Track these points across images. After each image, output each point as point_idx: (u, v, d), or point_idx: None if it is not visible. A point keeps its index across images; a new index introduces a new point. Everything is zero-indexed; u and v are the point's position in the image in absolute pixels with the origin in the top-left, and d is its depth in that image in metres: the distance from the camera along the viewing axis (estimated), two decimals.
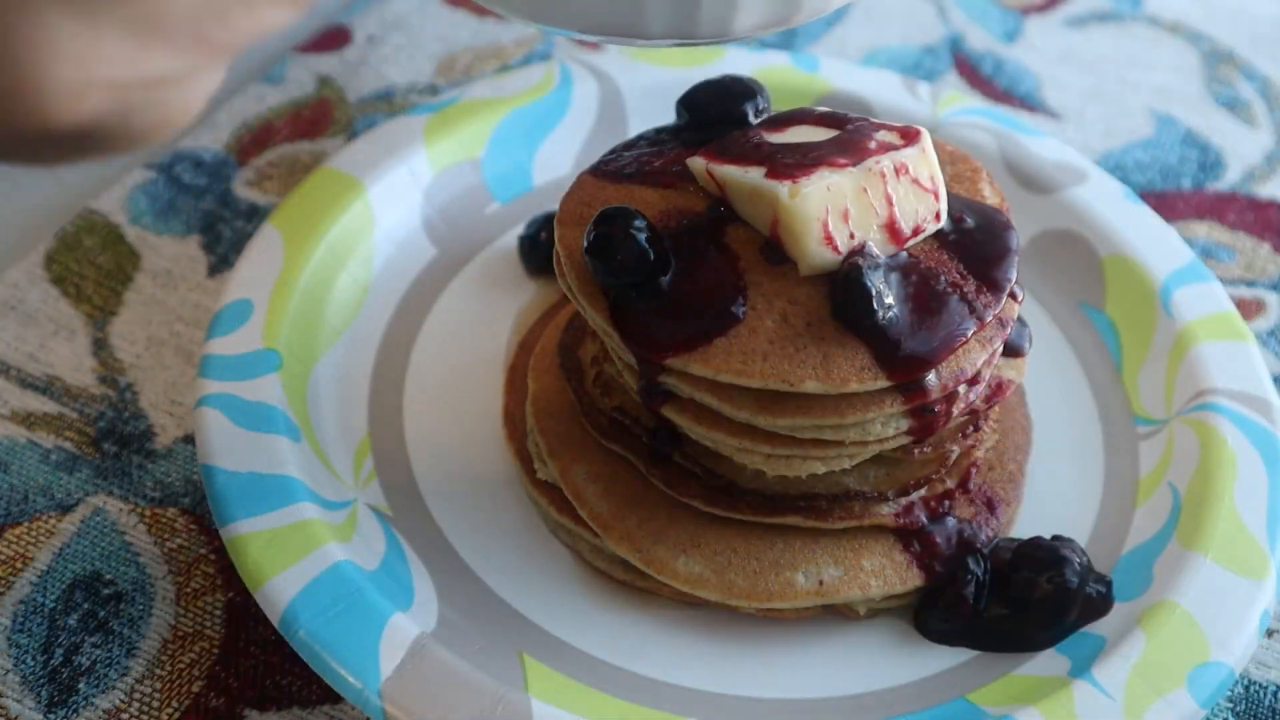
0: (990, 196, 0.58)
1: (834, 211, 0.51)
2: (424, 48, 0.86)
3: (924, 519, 0.58)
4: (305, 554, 0.55)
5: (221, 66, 0.36)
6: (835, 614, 0.58)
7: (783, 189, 0.51)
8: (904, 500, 0.58)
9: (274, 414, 0.60)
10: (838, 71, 0.77)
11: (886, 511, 0.57)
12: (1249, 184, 0.81)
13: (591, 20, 0.51)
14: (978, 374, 0.55)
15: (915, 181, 0.53)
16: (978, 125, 0.75)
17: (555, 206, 0.59)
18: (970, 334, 0.53)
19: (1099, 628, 0.56)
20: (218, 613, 0.59)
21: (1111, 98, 0.86)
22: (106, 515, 0.62)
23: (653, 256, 0.52)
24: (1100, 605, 0.57)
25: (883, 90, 0.76)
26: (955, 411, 0.54)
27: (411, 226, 0.71)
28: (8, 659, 0.57)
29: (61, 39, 0.32)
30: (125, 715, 0.56)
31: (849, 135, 0.54)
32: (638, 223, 0.52)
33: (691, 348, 0.52)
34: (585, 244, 0.53)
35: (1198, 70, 0.89)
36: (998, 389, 0.58)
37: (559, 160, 0.74)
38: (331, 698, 0.57)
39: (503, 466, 0.63)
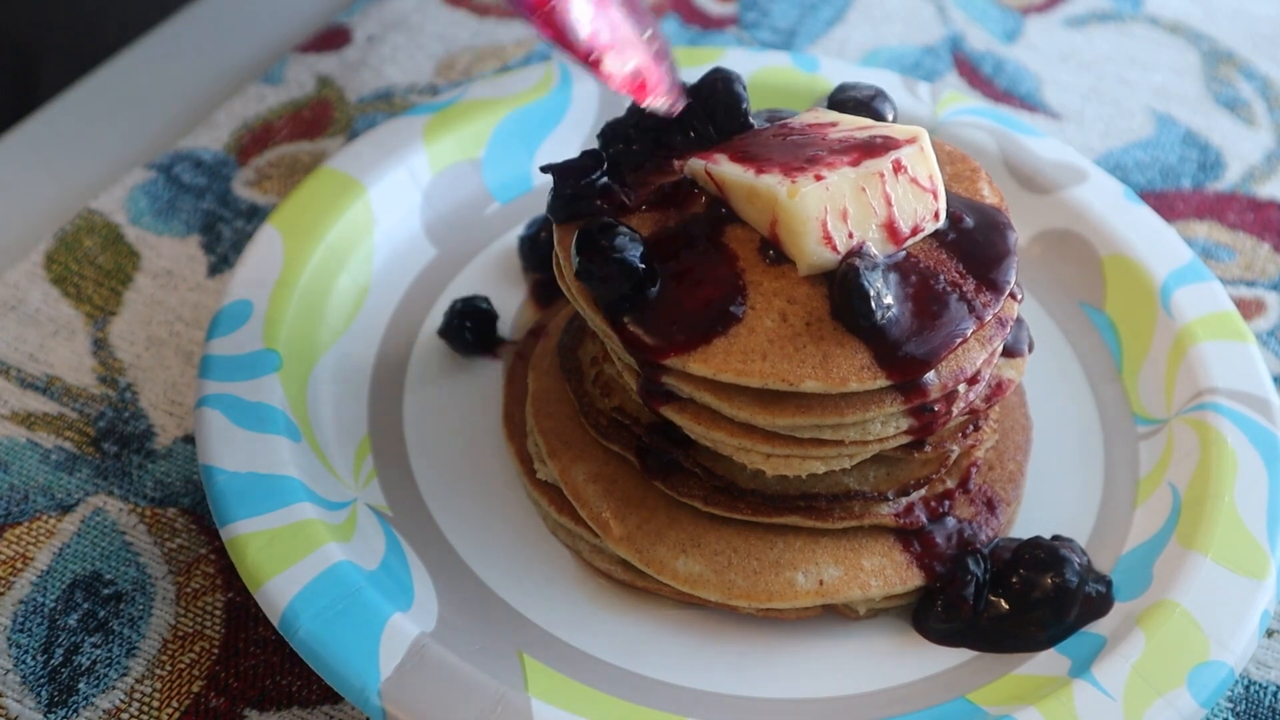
0: (989, 196, 0.58)
1: (832, 211, 0.51)
2: (424, 48, 0.86)
3: (924, 519, 0.58)
4: (305, 554, 0.55)
5: None
6: (835, 614, 0.58)
7: (781, 189, 0.51)
8: (904, 500, 0.58)
9: (274, 414, 0.60)
10: (838, 71, 0.77)
11: (887, 511, 0.57)
12: (1249, 184, 0.81)
13: None
14: (977, 373, 0.55)
15: (914, 181, 0.53)
16: (978, 125, 0.75)
17: None
18: (969, 333, 0.53)
19: (1099, 628, 0.56)
20: (218, 613, 0.59)
21: (1111, 98, 0.86)
22: (106, 515, 0.62)
23: (641, 268, 0.52)
24: (1100, 605, 0.57)
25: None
26: (955, 411, 0.54)
27: (411, 227, 0.71)
28: (8, 659, 0.57)
29: None
30: (125, 715, 0.56)
31: (847, 136, 0.54)
32: (619, 240, 0.52)
33: (691, 347, 0.52)
34: (574, 268, 0.53)
35: (1198, 70, 0.89)
36: (997, 388, 0.58)
37: (559, 160, 0.74)
38: (331, 698, 0.57)
39: (503, 466, 0.63)
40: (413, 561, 0.58)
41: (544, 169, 0.57)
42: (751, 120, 0.57)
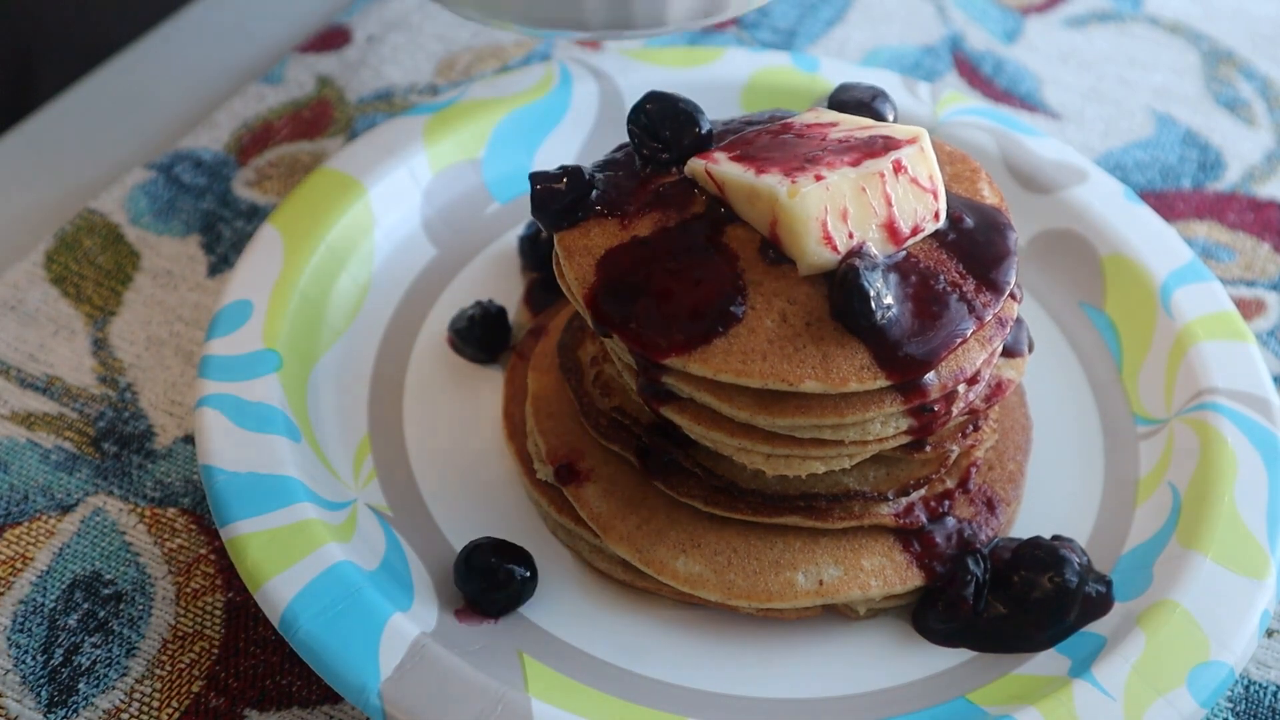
0: (989, 196, 0.58)
1: (833, 211, 0.51)
2: (424, 48, 0.86)
3: (924, 519, 0.58)
4: (305, 554, 0.55)
5: None
6: (835, 614, 0.58)
7: (782, 189, 0.51)
8: (904, 500, 0.58)
9: (274, 414, 0.60)
10: (838, 71, 0.77)
11: (886, 511, 0.57)
12: (1249, 184, 0.81)
13: (533, 13, 0.51)
14: (977, 373, 0.55)
15: (914, 181, 0.53)
16: (978, 125, 0.75)
17: None
18: (969, 334, 0.53)
19: (1099, 628, 0.56)
20: (218, 613, 0.59)
21: (1111, 98, 0.86)
22: (106, 515, 0.62)
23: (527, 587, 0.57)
24: (1100, 605, 0.57)
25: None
26: (955, 411, 0.54)
27: (411, 226, 0.71)
28: (8, 659, 0.57)
29: None
30: (125, 715, 0.56)
31: (848, 136, 0.54)
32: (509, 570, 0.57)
33: (691, 347, 0.52)
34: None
35: (1198, 70, 0.89)
36: (997, 388, 0.58)
37: (559, 160, 0.74)
38: (331, 698, 0.57)
39: (503, 466, 0.63)
40: (412, 561, 0.58)
41: (532, 178, 0.57)
42: (704, 125, 0.56)
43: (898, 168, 0.52)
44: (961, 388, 0.54)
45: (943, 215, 0.54)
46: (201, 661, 0.57)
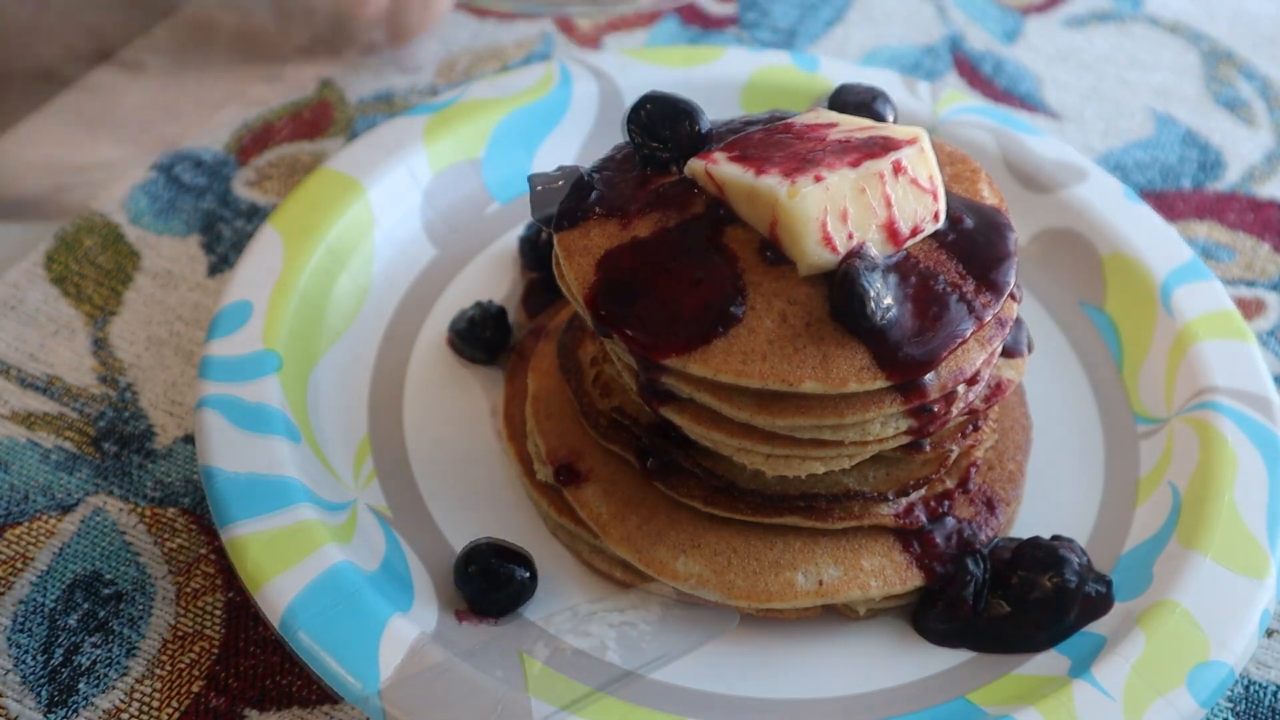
0: (989, 197, 0.58)
1: (833, 212, 0.51)
2: (424, 48, 0.86)
3: (924, 519, 0.58)
4: (305, 555, 0.55)
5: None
6: (835, 614, 0.58)
7: (781, 189, 0.51)
8: (904, 500, 0.58)
9: (274, 415, 0.60)
10: (838, 71, 0.77)
11: (886, 511, 0.57)
12: (1249, 184, 0.81)
13: None
14: (977, 374, 0.55)
15: (914, 182, 0.53)
16: (978, 124, 0.75)
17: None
18: (969, 334, 0.53)
19: (1099, 628, 0.56)
20: (218, 613, 0.59)
21: (1111, 98, 0.86)
22: (106, 515, 0.62)
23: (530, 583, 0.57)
24: (1100, 605, 0.57)
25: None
26: (954, 411, 0.54)
27: (412, 227, 0.71)
28: (8, 659, 0.57)
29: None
30: (125, 715, 0.56)
31: (847, 136, 0.54)
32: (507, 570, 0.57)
33: (690, 348, 0.52)
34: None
35: (1198, 70, 0.89)
36: (997, 388, 0.58)
37: (559, 160, 0.74)
38: (331, 698, 0.57)
39: (503, 466, 0.63)
40: (413, 562, 0.58)
41: (531, 179, 0.57)
42: (704, 125, 0.56)
43: (897, 168, 0.52)
44: (961, 388, 0.54)
45: (942, 216, 0.54)
46: (201, 661, 0.57)
